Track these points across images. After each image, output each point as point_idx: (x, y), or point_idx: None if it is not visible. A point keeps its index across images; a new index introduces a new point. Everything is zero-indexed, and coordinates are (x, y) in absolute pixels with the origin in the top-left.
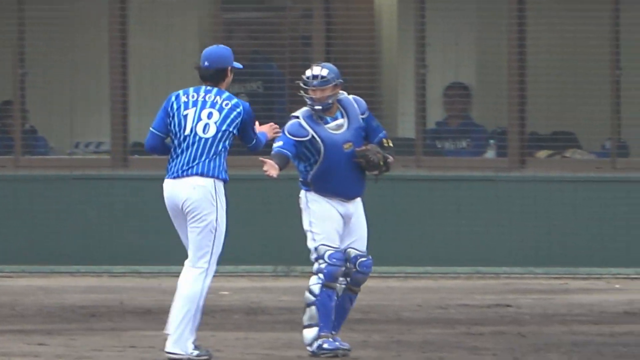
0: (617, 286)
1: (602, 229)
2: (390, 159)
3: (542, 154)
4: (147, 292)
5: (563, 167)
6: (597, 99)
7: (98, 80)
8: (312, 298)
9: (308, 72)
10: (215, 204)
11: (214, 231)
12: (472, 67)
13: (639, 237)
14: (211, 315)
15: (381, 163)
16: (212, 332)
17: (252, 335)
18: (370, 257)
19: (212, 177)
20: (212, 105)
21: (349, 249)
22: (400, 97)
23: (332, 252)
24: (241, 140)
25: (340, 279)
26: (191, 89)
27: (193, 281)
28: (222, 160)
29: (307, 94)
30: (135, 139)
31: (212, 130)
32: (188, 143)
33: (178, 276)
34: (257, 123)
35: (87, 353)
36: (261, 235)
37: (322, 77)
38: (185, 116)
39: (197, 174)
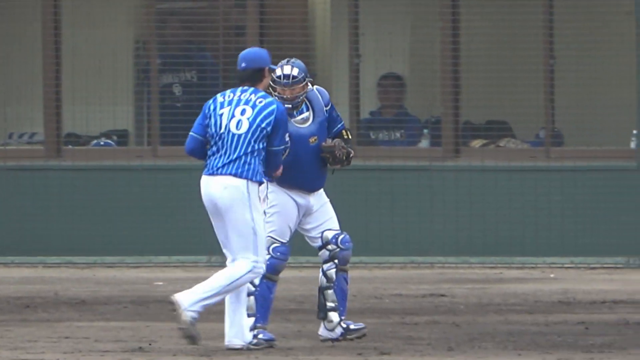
0: (551, 275)
1: (536, 219)
2: (352, 153)
3: (476, 143)
4: (82, 283)
5: (497, 156)
6: (531, 88)
7: (31, 71)
8: (252, 289)
9: (278, 72)
10: (248, 203)
11: (251, 230)
12: (406, 57)
13: (573, 226)
14: (145, 306)
15: (344, 158)
16: (146, 322)
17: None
18: (345, 232)
19: (246, 178)
20: (246, 103)
21: (325, 232)
22: (334, 86)
23: (277, 245)
24: (268, 142)
25: (328, 264)
26: (228, 90)
27: (236, 267)
28: (258, 161)
29: (276, 92)
30: (69, 130)
31: (244, 126)
32: (223, 140)
33: (113, 267)
34: None
35: (22, 344)
36: (195, 225)
37: (293, 76)
38: (221, 115)
39: (230, 174)
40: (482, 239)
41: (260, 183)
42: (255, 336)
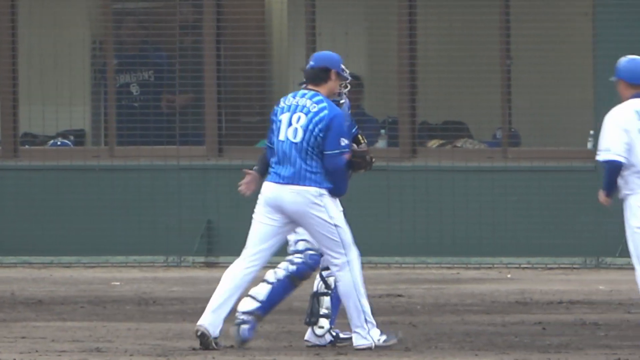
0: (508, 276)
1: (494, 219)
2: (374, 159)
3: (433, 143)
4: (38, 283)
5: (454, 156)
6: (488, 89)
7: None
8: (327, 291)
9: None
10: (322, 205)
11: (333, 227)
12: (363, 57)
13: (530, 226)
14: (102, 306)
15: (371, 162)
16: (103, 322)
17: (144, 326)
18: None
19: (311, 186)
20: (301, 109)
21: None
22: (291, 87)
23: (314, 253)
24: (322, 147)
25: (328, 272)
26: (291, 94)
27: (341, 278)
28: (320, 166)
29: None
30: (26, 130)
31: (299, 135)
32: (283, 149)
33: (70, 267)
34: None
35: None
36: (152, 225)
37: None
38: (280, 121)
39: (299, 184)
40: (439, 239)
41: (327, 189)
42: (335, 336)
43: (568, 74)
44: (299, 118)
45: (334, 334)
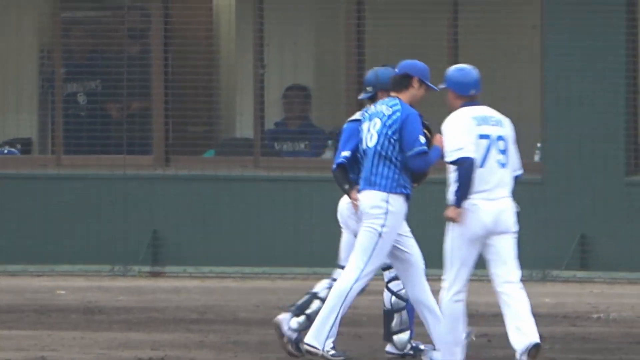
0: None
1: (435, 231)
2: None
3: None
4: None
5: None
6: (436, 102)
7: None
8: (403, 303)
9: None
10: (384, 213)
11: (377, 236)
12: (311, 68)
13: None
14: (48, 315)
15: None
16: (49, 331)
17: (89, 335)
18: None
19: (383, 191)
20: (377, 115)
21: None
22: (238, 97)
23: None
24: (401, 148)
25: (396, 283)
26: (373, 105)
27: (344, 279)
28: (394, 172)
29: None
30: None
31: (374, 139)
32: (366, 155)
33: (15, 275)
34: (436, 138)
35: None
36: (99, 234)
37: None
38: (362, 129)
39: (372, 189)
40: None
41: (405, 194)
42: (415, 347)
43: (516, 86)
44: (375, 124)
45: (413, 344)
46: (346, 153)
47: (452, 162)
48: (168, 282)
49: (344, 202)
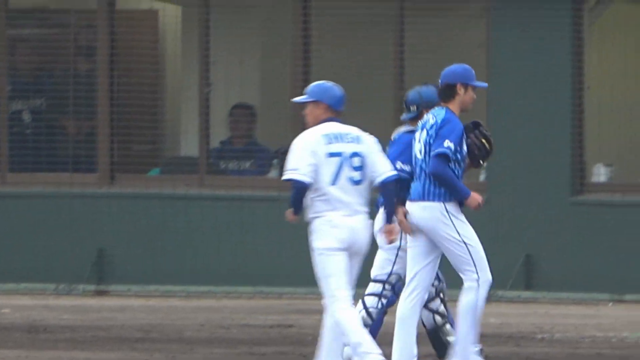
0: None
1: None
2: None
3: None
4: None
5: None
6: (381, 119)
7: None
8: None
9: None
10: (449, 222)
11: (463, 244)
12: (256, 86)
13: None
14: None
15: None
16: None
17: (34, 354)
18: None
19: (436, 201)
20: (424, 126)
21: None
22: (184, 115)
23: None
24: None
25: (435, 303)
26: (426, 115)
27: (466, 294)
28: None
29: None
30: None
31: (422, 150)
32: (415, 165)
33: None
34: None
35: None
36: (44, 253)
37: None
38: (414, 140)
39: (422, 199)
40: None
41: (457, 200)
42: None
43: None
44: (422, 135)
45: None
46: (407, 167)
47: (287, 180)
48: (113, 301)
49: (380, 221)
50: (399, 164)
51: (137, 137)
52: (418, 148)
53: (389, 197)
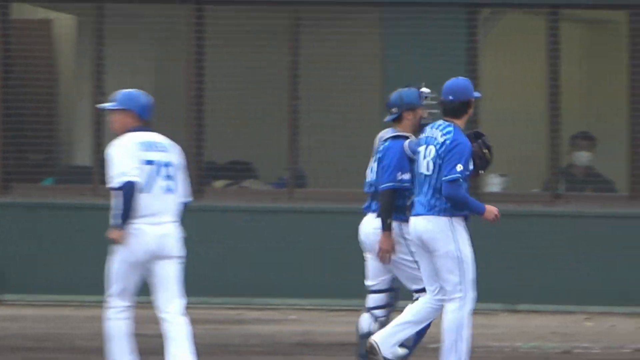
0: (292, 317)
1: (278, 260)
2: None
3: (219, 183)
4: None
5: (240, 196)
6: (276, 129)
7: None
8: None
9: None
10: (453, 237)
11: (458, 260)
12: (150, 96)
13: (315, 267)
14: None
15: None
16: None
17: None
18: None
19: (442, 215)
20: (432, 141)
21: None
22: (77, 124)
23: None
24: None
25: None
26: (429, 126)
27: (450, 312)
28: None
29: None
30: None
31: (430, 167)
32: (420, 180)
33: None
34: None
35: None
36: None
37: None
38: (419, 153)
39: (428, 213)
40: (223, 279)
41: (464, 217)
42: None
43: (355, 115)
44: (430, 151)
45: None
46: (407, 176)
47: (117, 189)
48: (5, 310)
49: (371, 227)
50: (399, 175)
51: (32, 146)
52: (425, 164)
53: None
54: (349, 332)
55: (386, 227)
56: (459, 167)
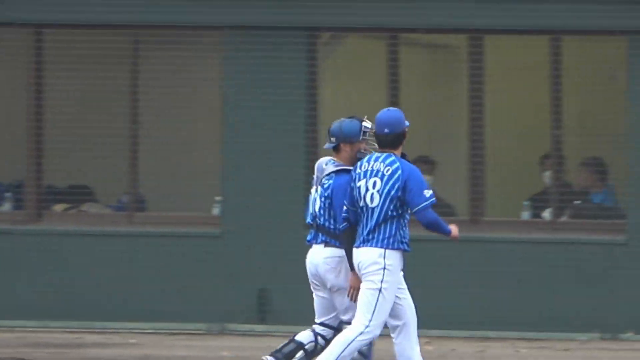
0: (132, 341)
1: (118, 282)
2: None
3: (59, 207)
4: None
5: (79, 220)
6: (115, 153)
7: None
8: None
9: (369, 124)
10: (380, 269)
11: (377, 292)
12: None
13: (154, 291)
14: None
15: None
16: None
17: None
18: None
19: (383, 247)
20: (376, 174)
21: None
22: None
23: None
24: (407, 205)
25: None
26: (365, 159)
27: (348, 329)
28: (394, 228)
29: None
30: None
31: (376, 200)
32: (364, 213)
33: None
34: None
35: None
36: None
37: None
38: (359, 187)
39: (370, 246)
40: (63, 303)
41: (402, 250)
42: None
43: (195, 139)
44: (374, 183)
45: None
46: (353, 207)
47: None
48: None
49: (321, 257)
50: (345, 207)
51: None
52: (369, 196)
53: None
54: (188, 355)
55: (353, 266)
56: (428, 193)
